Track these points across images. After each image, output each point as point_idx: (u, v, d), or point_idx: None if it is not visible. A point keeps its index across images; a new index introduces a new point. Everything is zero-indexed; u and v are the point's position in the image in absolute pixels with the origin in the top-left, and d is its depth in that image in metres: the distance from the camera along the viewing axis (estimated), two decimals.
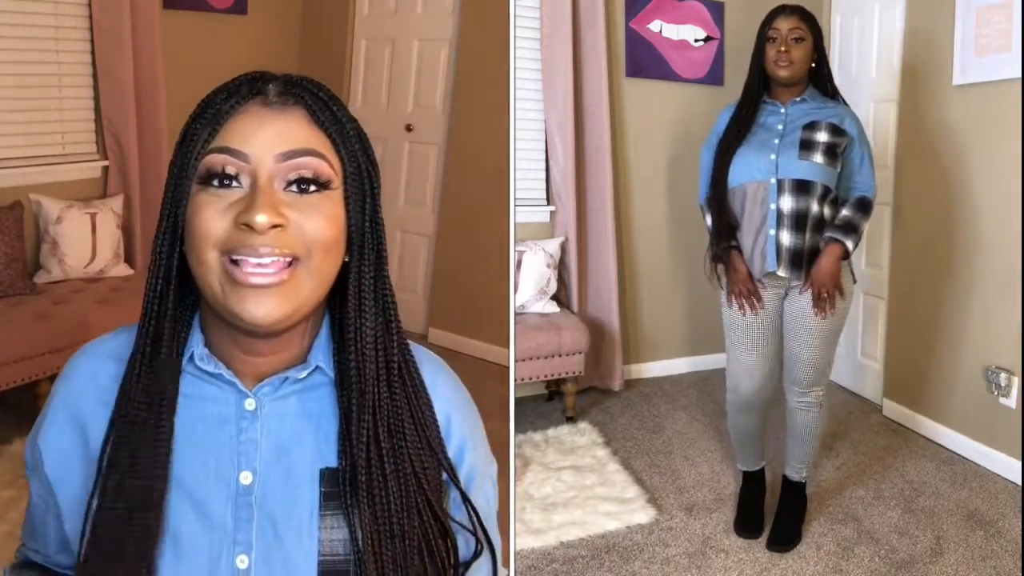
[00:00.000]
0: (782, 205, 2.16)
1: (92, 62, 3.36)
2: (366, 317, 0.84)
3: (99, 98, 3.40)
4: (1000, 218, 2.79)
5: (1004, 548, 2.39)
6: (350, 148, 0.84)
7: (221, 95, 0.82)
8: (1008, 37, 2.69)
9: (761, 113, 2.26)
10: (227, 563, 0.81)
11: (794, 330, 2.26)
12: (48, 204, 3.18)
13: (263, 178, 0.78)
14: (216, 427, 0.84)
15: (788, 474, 2.48)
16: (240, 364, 0.85)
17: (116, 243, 3.33)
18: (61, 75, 3.31)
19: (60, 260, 3.18)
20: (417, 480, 0.85)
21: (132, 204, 3.46)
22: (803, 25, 2.20)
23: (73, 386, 0.87)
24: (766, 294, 2.26)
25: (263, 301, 0.77)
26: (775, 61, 2.20)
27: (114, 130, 3.41)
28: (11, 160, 3.18)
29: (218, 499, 0.83)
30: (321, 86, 0.85)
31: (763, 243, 2.19)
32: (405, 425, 0.86)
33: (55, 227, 3.17)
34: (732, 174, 2.22)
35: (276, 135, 0.79)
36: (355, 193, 0.84)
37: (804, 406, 2.34)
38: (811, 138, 2.17)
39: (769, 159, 2.18)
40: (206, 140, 0.80)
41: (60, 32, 3.27)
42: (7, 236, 2.96)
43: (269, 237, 0.76)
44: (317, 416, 0.86)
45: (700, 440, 3.12)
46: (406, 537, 0.83)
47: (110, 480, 0.81)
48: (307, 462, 0.84)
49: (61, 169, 3.34)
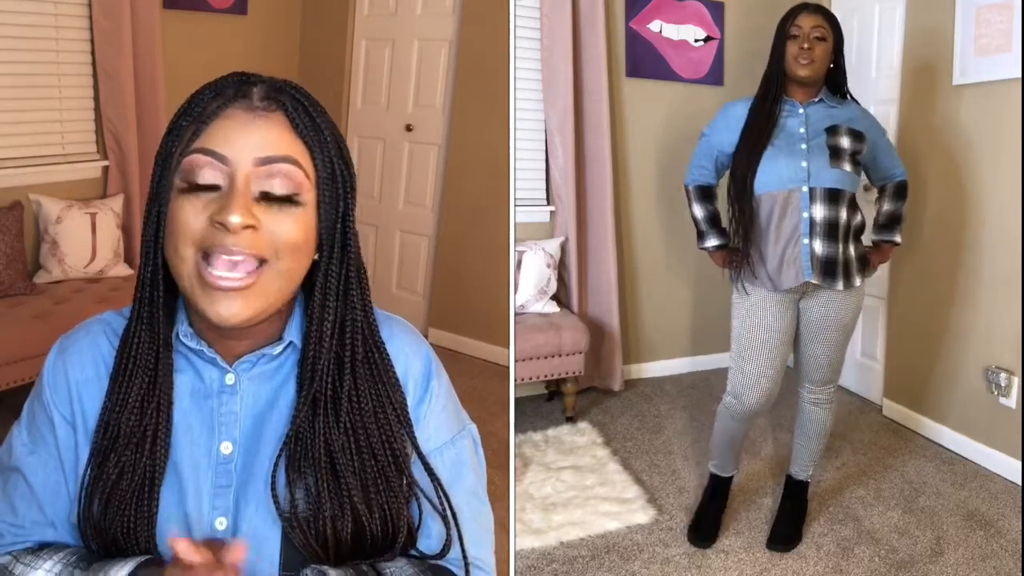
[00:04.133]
0: (814, 213, 2.11)
1: (92, 62, 3.36)
2: (328, 313, 0.90)
3: (99, 98, 3.40)
4: (1000, 218, 2.79)
5: (1004, 548, 2.39)
6: (326, 155, 0.88)
7: (208, 94, 0.87)
8: (1008, 37, 2.69)
9: (779, 113, 2.19)
10: (207, 525, 0.89)
11: (815, 332, 2.24)
12: (48, 204, 3.18)
13: (240, 181, 0.83)
14: (199, 400, 0.92)
15: (793, 472, 2.47)
16: (220, 344, 0.92)
17: (116, 243, 3.33)
18: (61, 75, 3.30)
19: (60, 260, 3.18)
20: (376, 444, 0.91)
21: (132, 204, 3.46)
22: (826, 24, 2.16)
23: (72, 356, 0.94)
24: (783, 299, 2.19)
25: (231, 303, 0.82)
26: (796, 58, 2.14)
27: (114, 130, 3.41)
28: (11, 160, 3.18)
29: (199, 467, 0.90)
30: (303, 92, 0.89)
31: (796, 252, 2.13)
32: (361, 393, 0.91)
33: (55, 227, 3.17)
34: (759, 181, 2.15)
35: (256, 140, 0.84)
36: (328, 198, 0.89)
37: (817, 403, 2.35)
38: (837, 144, 2.14)
39: (800, 166, 2.12)
40: (190, 139, 0.84)
41: (60, 32, 3.26)
42: (7, 236, 2.96)
43: (241, 237, 0.81)
44: (290, 387, 0.93)
45: (700, 440, 3.12)
46: (367, 496, 0.89)
47: (113, 450, 0.88)
48: (281, 430, 0.91)
49: (61, 169, 3.34)
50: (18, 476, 0.94)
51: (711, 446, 2.48)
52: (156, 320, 0.89)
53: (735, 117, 2.24)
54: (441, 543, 0.95)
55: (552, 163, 3.45)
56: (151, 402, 0.88)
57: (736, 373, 2.26)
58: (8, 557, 0.91)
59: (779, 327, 2.20)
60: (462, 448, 1.01)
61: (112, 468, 0.88)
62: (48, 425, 0.93)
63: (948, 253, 3.02)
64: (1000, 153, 2.77)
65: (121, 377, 0.89)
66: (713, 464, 2.50)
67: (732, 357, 2.28)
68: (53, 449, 0.93)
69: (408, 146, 4.05)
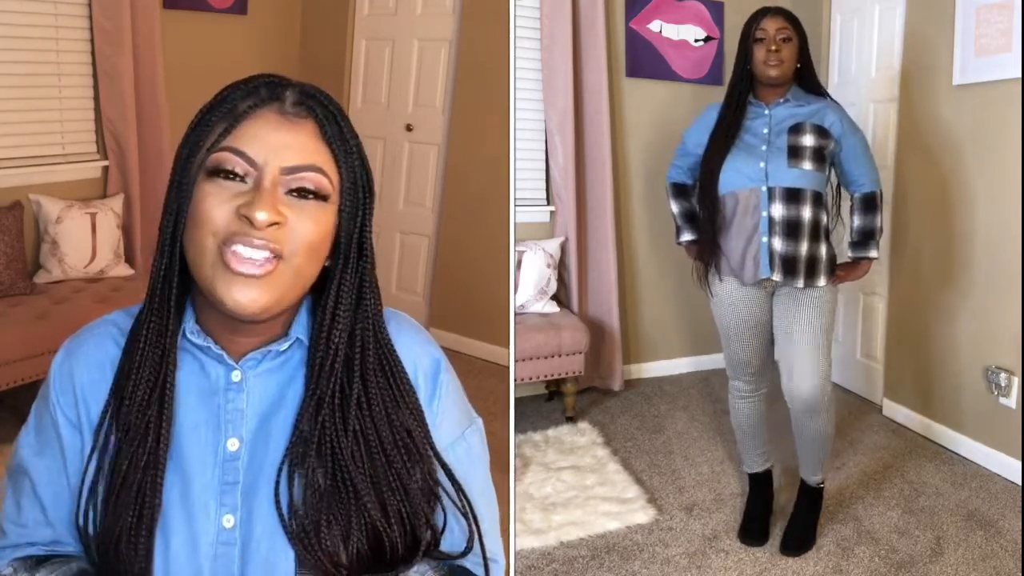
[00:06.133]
0: (773, 212, 2.17)
1: (92, 62, 3.36)
2: (339, 321, 0.91)
3: (99, 98, 3.40)
4: (1000, 218, 2.79)
5: (1004, 548, 2.39)
6: (350, 164, 0.90)
7: (239, 92, 0.87)
8: (1008, 37, 2.69)
9: (747, 115, 2.26)
10: (215, 523, 0.89)
11: (784, 331, 2.25)
12: (48, 204, 3.18)
13: (268, 181, 0.84)
14: (206, 397, 0.92)
15: (804, 477, 2.45)
16: (227, 342, 0.92)
17: (116, 243, 3.33)
18: (61, 75, 3.31)
19: (60, 260, 3.18)
20: (389, 447, 0.90)
21: (132, 204, 3.46)
22: (789, 25, 2.22)
23: (78, 359, 0.94)
24: (752, 292, 2.27)
25: (248, 289, 0.83)
26: (765, 61, 2.20)
27: (114, 130, 3.41)
28: (11, 160, 3.18)
29: (206, 464, 0.90)
30: (332, 100, 0.90)
31: (755, 250, 2.20)
32: (372, 397, 0.91)
33: (55, 227, 3.17)
34: (722, 181, 2.23)
35: (286, 146, 0.85)
36: (349, 206, 0.90)
37: (809, 412, 2.26)
38: (798, 143, 2.18)
39: (758, 167, 2.18)
40: (220, 135, 0.85)
41: (60, 32, 3.26)
42: (7, 236, 2.96)
43: (265, 232, 0.82)
44: (297, 384, 0.93)
45: (700, 440, 3.13)
46: (381, 500, 0.89)
47: (118, 447, 0.88)
48: (287, 427, 0.91)
49: (61, 169, 3.34)
50: (25, 477, 0.95)
51: (737, 448, 2.55)
52: (167, 314, 0.89)
53: (709, 120, 2.33)
54: (464, 540, 0.95)
55: (552, 163, 3.45)
56: (155, 398, 0.88)
57: (728, 358, 2.42)
58: (9, 570, 0.92)
59: (750, 315, 2.30)
60: (473, 442, 1.02)
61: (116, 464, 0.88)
62: (53, 428, 0.93)
63: (948, 253, 3.02)
64: (1000, 153, 2.77)
65: (128, 372, 0.90)
66: (744, 463, 2.55)
67: (723, 346, 2.42)
68: (57, 452, 0.93)
69: (408, 146, 4.05)
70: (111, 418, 0.90)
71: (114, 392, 0.90)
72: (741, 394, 2.43)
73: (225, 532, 0.89)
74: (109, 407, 0.90)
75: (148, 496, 0.87)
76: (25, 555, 0.94)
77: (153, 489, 0.87)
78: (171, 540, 0.88)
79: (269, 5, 4.13)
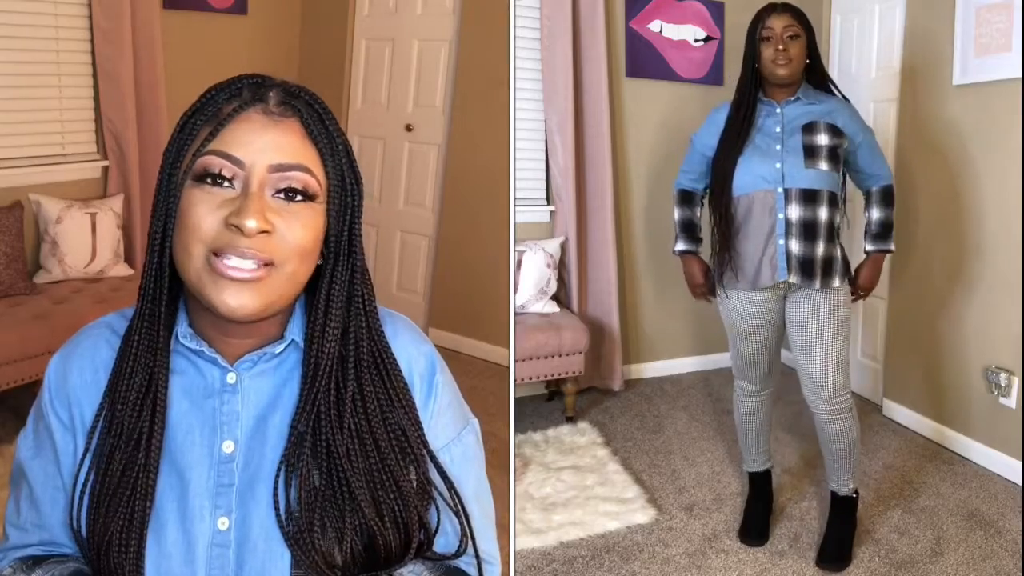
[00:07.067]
0: (790, 214, 2.13)
1: (92, 62, 3.37)
2: (332, 319, 0.91)
3: (99, 98, 3.40)
4: (1000, 218, 2.79)
5: (1004, 548, 2.39)
6: (337, 163, 0.89)
7: (223, 95, 0.87)
8: (1008, 37, 2.69)
9: (758, 115, 2.21)
10: (210, 525, 0.89)
11: (801, 333, 2.21)
12: (48, 204, 3.18)
13: (255, 185, 0.84)
14: (200, 400, 0.92)
15: (834, 489, 2.34)
16: (221, 344, 0.92)
17: (116, 243, 3.33)
18: (61, 75, 3.31)
19: (60, 260, 3.18)
20: (384, 447, 0.90)
21: (132, 204, 3.47)
22: (796, 22, 2.16)
23: (73, 362, 0.94)
24: (764, 297, 2.23)
25: (240, 293, 0.82)
26: (773, 60, 2.15)
27: (114, 130, 3.41)
28: (11, 160, 3.18)
29: (201, 467, 0.90)
30: (317, 98, 0.90)
31: (772, 252, 2.16)
32: (367, 397, 0.91)
33: (55, 227, 3.17)
34: (736, 183, 2.18)
35: (272, 146, 0.85)
36: (337, 205, 0.90)
37: (833, 414, 2.21)
38: (813, 143, 2.14)
39: (774, 168, 2.14)
40: (205, 140, 0.84)
41: (60, 32, 3.27)
42: (7, 236, 2.96)
43: (254, 240, 0.82)
44: (293, 385, 0.93)
45: (700, 440, 3.13)
46: (376, 500, 0.89)
47: (111, 449, 0.88)
48: (283, 429, 0.91)
49: (61, 169, 3.35)
50: (23, 479, 0.95)
51: (739, 446, 2.54)
52: (158, 318, 0.89)
53: (718, 122, 2.28)
54: (458, 540, 0.95)
55: (552, 163, 3.45)
56: (147, 400, 0.88)
57: (736, 358, 2.39)
58: (8, 570, 0.92)
59: (761, 318, 2.26)
60: (468, 443, 1.02)
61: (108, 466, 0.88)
62: (48, 430, 0.93)
63: (948, 253, 3.02)
64: (1000, 153, 2.77)
65: (121, 375, 0.89)
66: (745, 462, 2.54)
67: (730, 345, 2.39)
68: (52, 454, 0.93)
69: (408, 146, 4.05)
70: (104, 421, 0.90)
71: (107, 395, 0.90)
72: (746, 393, 2.43)
73: (220, 534, 0.89)
74: (102, 410, 0.90)
75: (139, 499, 0.87)
76: (24, 556, 0.95)
77: (144, 492, 0.87)
78: (165, 542, 0.88)
79: (269, 5, 4.13)
